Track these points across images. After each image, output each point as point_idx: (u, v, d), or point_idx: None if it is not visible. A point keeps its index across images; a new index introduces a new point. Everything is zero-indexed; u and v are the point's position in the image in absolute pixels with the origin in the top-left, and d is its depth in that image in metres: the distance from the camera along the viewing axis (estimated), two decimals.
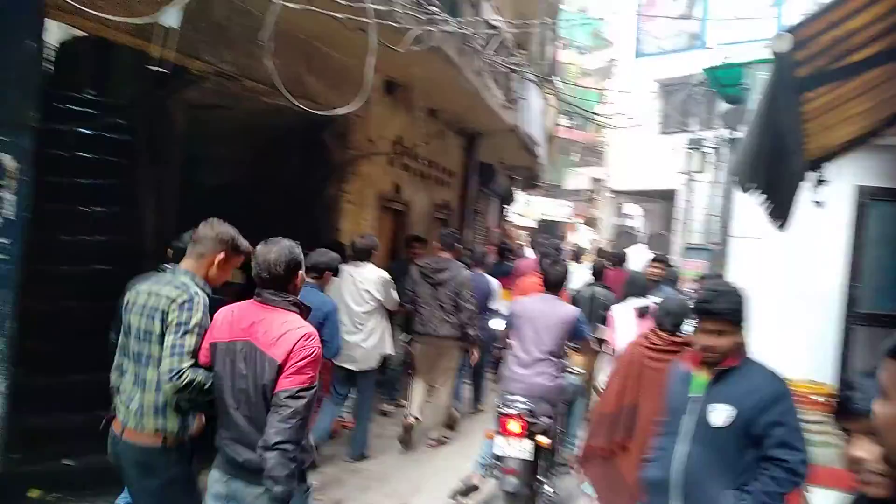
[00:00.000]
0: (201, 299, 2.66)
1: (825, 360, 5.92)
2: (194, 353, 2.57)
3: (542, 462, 4.45)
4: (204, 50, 4.49)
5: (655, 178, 17.34)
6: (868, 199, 6.09)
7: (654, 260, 6.54)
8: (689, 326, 3.66)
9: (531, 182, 16.70)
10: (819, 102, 2.95)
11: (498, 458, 4.26)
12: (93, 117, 5.89)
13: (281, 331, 2.44)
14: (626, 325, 5.22)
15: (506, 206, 17.12)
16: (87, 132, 5.85)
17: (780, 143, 2.68)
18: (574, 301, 5.83)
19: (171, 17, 3.16)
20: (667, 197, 17.88)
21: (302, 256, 2.65)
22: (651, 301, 5.16)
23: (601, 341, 5.77)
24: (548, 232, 25.60)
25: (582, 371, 5.36)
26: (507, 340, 4.78)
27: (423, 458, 5.67)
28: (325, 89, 5.88)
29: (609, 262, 7.86)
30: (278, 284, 2.56)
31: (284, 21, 4.95)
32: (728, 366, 2.52)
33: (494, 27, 7.69)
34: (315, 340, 2.48)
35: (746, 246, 6.79)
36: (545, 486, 4.53)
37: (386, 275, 5.57)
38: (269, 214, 6.97)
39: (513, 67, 8.28)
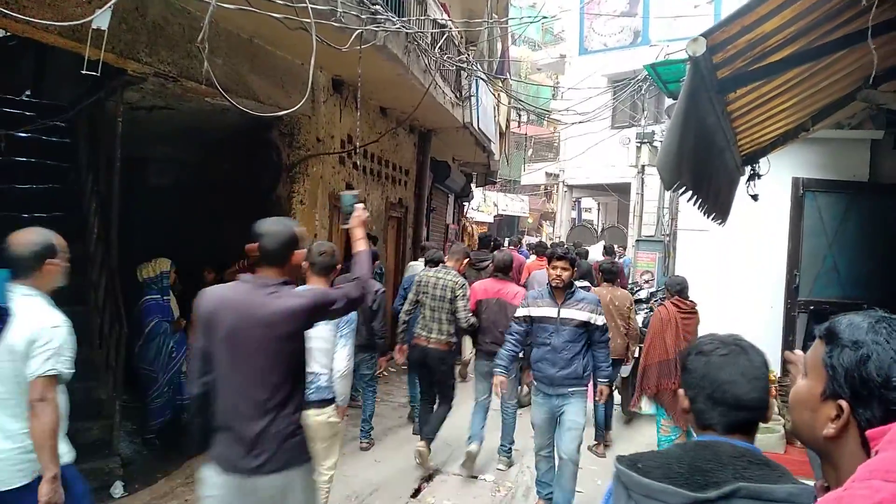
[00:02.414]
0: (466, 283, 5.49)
1: (771, 347, 6.13)
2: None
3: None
4: (141, 50, 4.39)
5: (609, 172, 17.62)
6: (804, 191, 6.32)
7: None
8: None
9: (487, 178, 16.78)
10: (744, 101, 3.06)
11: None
12: (30, 120, 5.72)
13: (514, 292, 5.43)
14: None
15: (464, 203, 17.15)
16: (25, 136, 5.69)
17: (707, 141, 2.77)
18: None
19: (99, 19, 3.08)
20: (621, 190, 18.17)
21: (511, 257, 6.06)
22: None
23: None
24: (506, 226, 25.85)
25: None
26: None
27: (384, 457, 5.67)
28: (270, 88, 5.82)
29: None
30: (507, 270, 5.64)
31: (225, 20, 4.89)
32: None
33: (442, 25, 7.71)
34: (523, 292, 5.44)
35: (694, 238, 6.99)
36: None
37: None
38: (216, 215, 6.89)
39: (461, 66, 8.32)
